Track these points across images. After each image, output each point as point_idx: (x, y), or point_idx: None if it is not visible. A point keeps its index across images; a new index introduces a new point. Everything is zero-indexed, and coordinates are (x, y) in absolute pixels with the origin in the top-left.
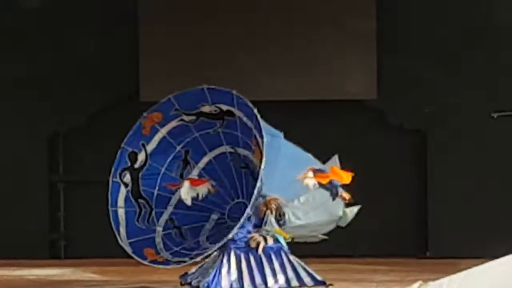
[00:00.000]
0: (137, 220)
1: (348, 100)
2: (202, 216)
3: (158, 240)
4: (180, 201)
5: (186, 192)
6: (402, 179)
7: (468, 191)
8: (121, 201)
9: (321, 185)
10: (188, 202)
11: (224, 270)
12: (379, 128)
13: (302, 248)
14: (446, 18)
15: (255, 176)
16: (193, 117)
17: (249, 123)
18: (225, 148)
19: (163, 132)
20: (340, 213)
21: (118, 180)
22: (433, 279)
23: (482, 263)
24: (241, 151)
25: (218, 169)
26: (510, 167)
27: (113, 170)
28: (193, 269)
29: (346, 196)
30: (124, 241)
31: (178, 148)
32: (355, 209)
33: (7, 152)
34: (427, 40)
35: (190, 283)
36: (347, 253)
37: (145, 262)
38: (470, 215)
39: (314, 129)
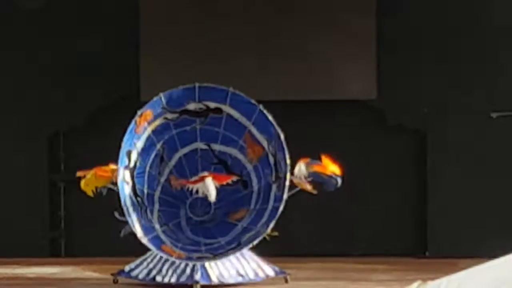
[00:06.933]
0: (141, 218)
1: (347, 100)
2: (176, 212)
3: (163, 237)
4: (161, 199)
5: (212, 189)
6: (402, 179)
7: (467, 191)
8: (128, 200)
9: (321, 175)
10: (213, 198)
11: (206, 264)
12: (379, 128)
13: (300, 248)
14: (446, 18)
15: (232, 170)
16: (176, 115)
17: (243, 119)
18: (197, 145)
19: (149, 130)
20: None
21: (122, 179)
22: (432, 279)
23: (481, 262)
24: (218, 147)
25: (185, 165)
26: (510, 167)
27: (117, 168)
28: (132, 265)
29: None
30: (144, 239)
31: (158, 146)
32: None
33: (7, 151)
34: (427, 40)
35: (154, 279)
36: (345, 252)
37: (173, 259)
38: (469, 215)
39: (313, 129)
